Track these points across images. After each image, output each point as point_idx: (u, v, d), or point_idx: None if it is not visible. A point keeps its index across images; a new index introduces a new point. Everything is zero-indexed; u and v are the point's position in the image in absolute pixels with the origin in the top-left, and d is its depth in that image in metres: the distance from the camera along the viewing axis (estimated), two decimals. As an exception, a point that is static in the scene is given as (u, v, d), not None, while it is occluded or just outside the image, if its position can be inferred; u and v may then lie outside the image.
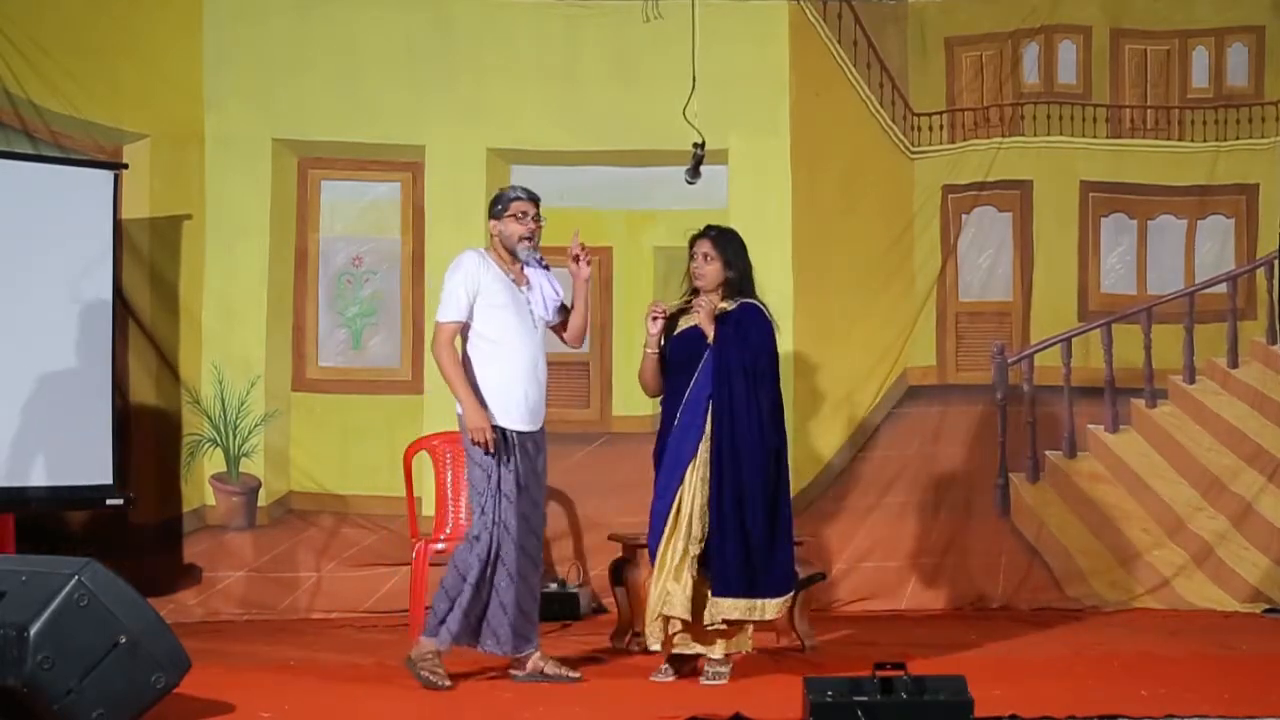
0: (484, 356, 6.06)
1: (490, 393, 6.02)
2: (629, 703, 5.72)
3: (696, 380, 6.10)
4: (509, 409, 6.02)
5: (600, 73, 8.49)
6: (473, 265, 6.08)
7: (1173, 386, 8.58)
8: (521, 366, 6.04)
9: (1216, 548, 8.38)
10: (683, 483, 6.07)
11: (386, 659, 6.70)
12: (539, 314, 6.14)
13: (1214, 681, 5.98)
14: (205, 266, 8.19)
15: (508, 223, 6.14)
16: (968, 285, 8.65)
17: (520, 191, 6.19)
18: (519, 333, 6.06)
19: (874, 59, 8.63)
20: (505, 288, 6.08)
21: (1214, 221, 8.63)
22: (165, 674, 4.88)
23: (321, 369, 8.35)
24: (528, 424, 6.06)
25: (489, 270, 6.08)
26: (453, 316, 6.05)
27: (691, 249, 6.24)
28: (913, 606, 8.29)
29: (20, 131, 7.89)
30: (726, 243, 6.21)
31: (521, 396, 6.03)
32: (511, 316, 6.05)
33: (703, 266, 6.19)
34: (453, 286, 6.07)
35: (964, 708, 4.71)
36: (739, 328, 6.10)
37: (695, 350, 6.12)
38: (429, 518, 7.78)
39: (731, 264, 6.18)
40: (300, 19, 8.35)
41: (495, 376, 6.04)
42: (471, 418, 5.97)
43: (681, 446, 6.09)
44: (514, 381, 6.03)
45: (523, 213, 6.12)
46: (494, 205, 6.20)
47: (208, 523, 8.14)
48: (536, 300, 6.15)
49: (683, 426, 6.10)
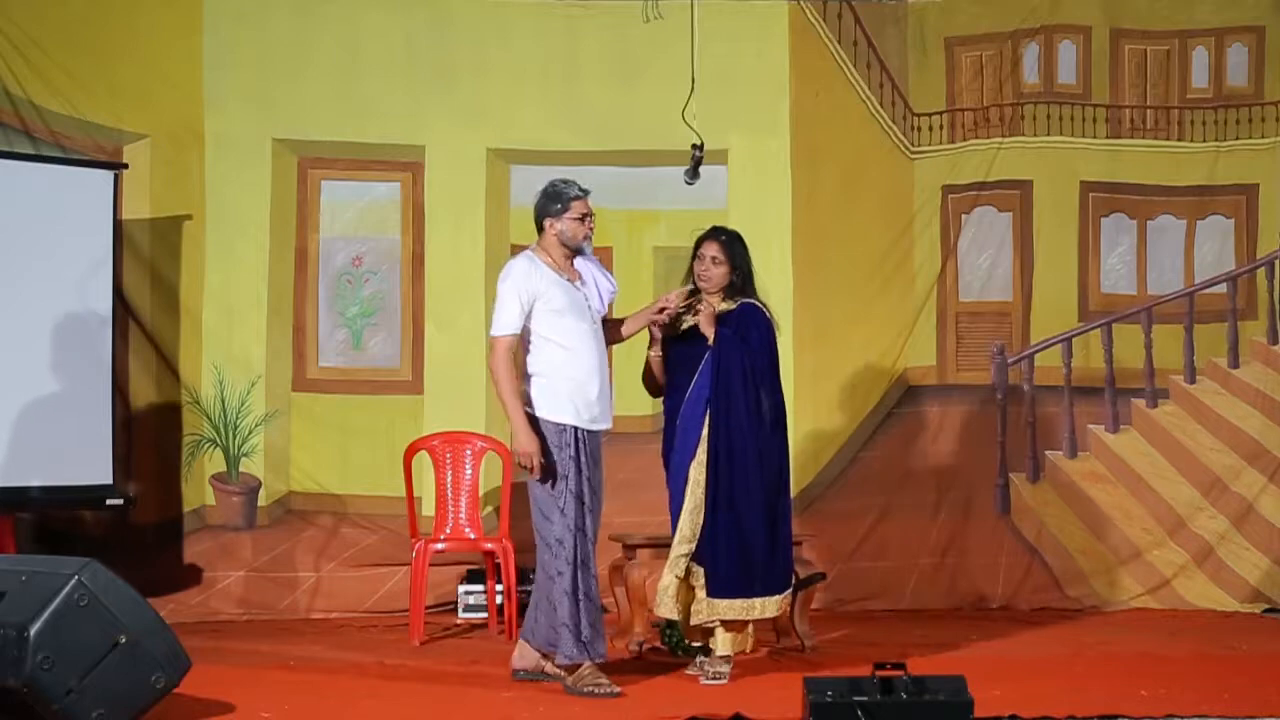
0: (553, 361, 5.95)
1: (565, 396, 5.92)
2: (629, 702, 5.72)
3: (696, 381, 6.11)
4: (581, 410, 5.93)
5: (600, 73, 8.49)
6: (523, 273, 5.95)
7: (1174, 386, 8.59)
8: (589, 366, 5.96)
9: (1217, 548, 8.39)
10: (688, 482, 6.09)
11: (386, 659, 6.71)
12: (595, 308, 6.06)
13: (1214, 681, 5.98)
14: (205, 266, 8.19)
15: (568, 223, 6.00)
16: (968, 285, 8.66)
17: (577, 189, 6.02)
18: (582, 333, 5.96)
19: (874, 59, 8.63)
20: (562, 290, 5.97)
21: (1214, 221, 8.63)
22: (165, 674, 4.88)
23: (321, 369, 8.36)
24: (601, 423, 6.01)
25: (542, 275, 5.96)
26: (508, 329, 5.92)
27: (698, 249, 6.23)
28: (913, 606, 8.29)
29: (20, 131, 7.88)
30: (734, 246, 6.21)
31: (595, 396, 5.96)
32: (572, 318, 5.96)
33: (710, 269, 6.18)
34: (506, 298, 5.93)
35: (964, 708, 4.70)
36: (739, 328, 6.11)
37: (696, 351, 6.13)
38: (429, 518, 7.78)
39: (737, 267, 6.19)
40: (300, 19, 8.36)
41: (568, 379, 5.94)
42: (520, 440, 5.87)
43: (684, 447, 6.10)
44: (586, 382, 5.95)
45: (583, 214, 6.00)
46: (551, 203, 6.01)
47: (208, 523, 8.14)
48: (592, 294, 6.07)
49: (683, 428, 6.12)
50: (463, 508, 7.71)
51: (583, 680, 5.84)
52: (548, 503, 5.90)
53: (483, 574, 7.76)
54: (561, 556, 5.84)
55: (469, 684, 6.11)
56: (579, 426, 5.92)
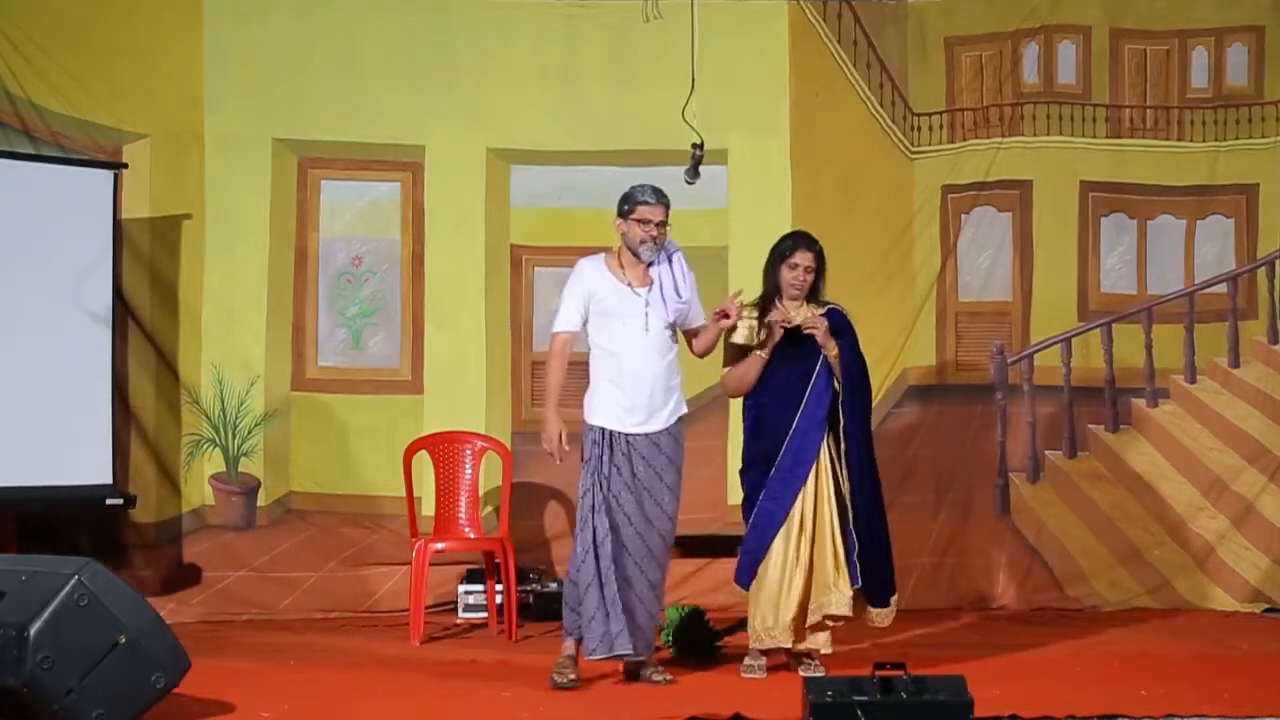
0: (597, 363, 6.16)
1: (602, 396, 6.11)
2: (629, 703, 5.72)
3: (814, 386, 6.22)
4: (607, 411, 6.08)
5: (600, 73, 8.49)
6: (585, 272, 6.16)
7: (1174, 386, 8.58)
8: (628, 370, 6.06)
9: (1217, 548, 8.38)
10: (804, 485, 6.18)
11: (387, 659, 6.71)
12: (657, 314, 6.13)
13: (1214, 681, 5.98)
14: (205, 266, 8.19)
15: (631, 225, 6.13)
16: (967, 285, 8.66)
17: (649, 195, 6.14)
18: (625, 337, 6.08)
19: (874, 59, 8.63)
20: (615, 292, 6.10)
21: (1214, 221, 8.63)
22: (165, 674, 4.88)
23: (321, 369, 8.35)
24: (631, 426, 6.08)
25: (601, 276, 6.13)
26: (563, 326, 6.16)
27: (787, 257, 6.31)
28: (912, 606, 8.27)
29: (20, 131, 7.88)
30: (822, 255, 6.35)
31: (623, 399, 6.06)
32: (616, 322, 6.09)
33: (804, 279, 6.30)
34: (566, 295, 6.18)
35: (964, 708, 4.71)
36: (842, 336, 6.27)
37: (795, 352, 6.20)
38: (429, 518, 7.78)
39: (822, 274, 6.36)
40: (300, 19, 8.35)
41: (605, 381, 6.11)
42: (546, 426, 6.14)
43: (803, 451, 6.19)
44: (617, 385, 6.07)
45: (645, 219, 6.10)
46: (621, 204, 6.18)
47: (208, 523, 8.14)
48: (655, 301, 6.14)
49: (802, 431, 6.20)
50: (463, 508, 7.72)
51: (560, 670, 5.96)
52: (581, 496, 6.11)
53: (483, 574, 7.75)
54: (579, 544, 6.00)
55: (469, 684, 6.11)
56: (608, 428, 6.04)
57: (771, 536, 6.18)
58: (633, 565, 6.01)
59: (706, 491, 8.23)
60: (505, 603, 7.38)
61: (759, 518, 6.23)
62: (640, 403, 6.08)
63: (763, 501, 6.22)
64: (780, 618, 6.15)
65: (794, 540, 6.18)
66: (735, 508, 8.26)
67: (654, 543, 6.09)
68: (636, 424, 6.08)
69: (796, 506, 6.19)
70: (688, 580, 8.03)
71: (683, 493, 6.24)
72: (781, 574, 6.17)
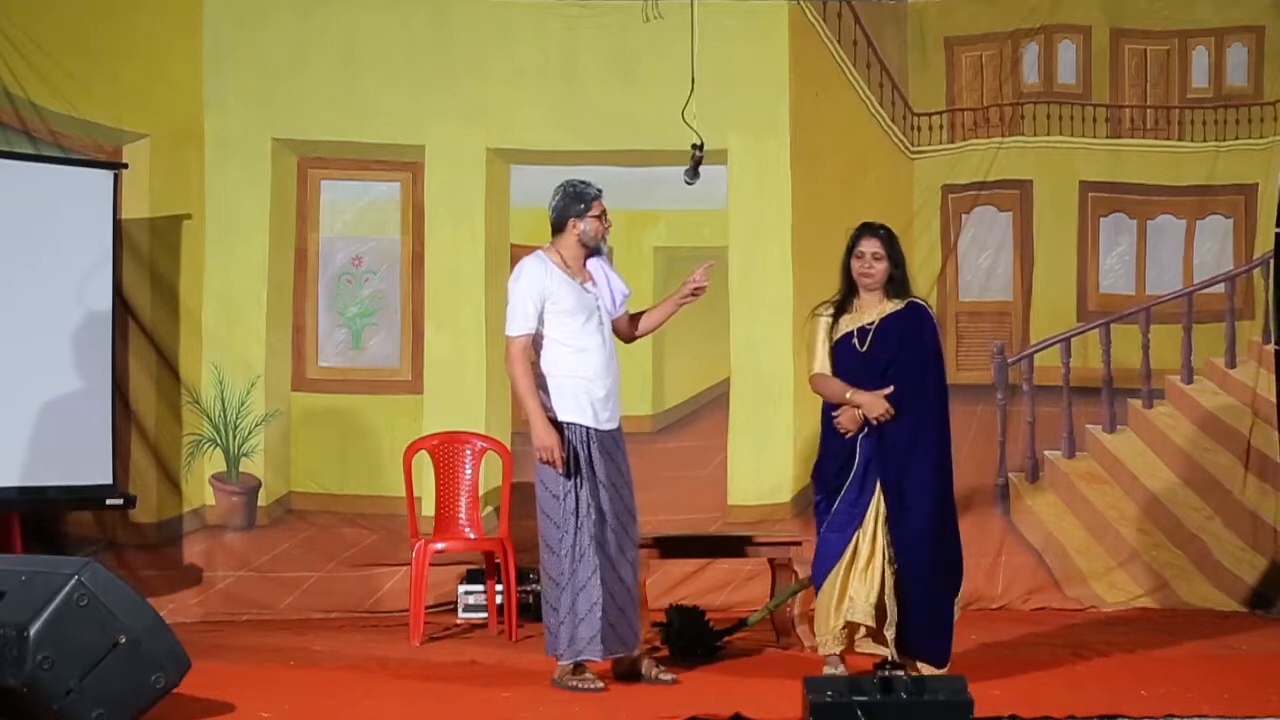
0: (562, 361, 6.03)
1: (573, 395, 6.01)
2: (629, 703, 5.72)
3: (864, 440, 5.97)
4: (588, 409, 6.02)
5: (600, 73, 8.49)
6: (535, 273, 6.04)
7: (1170, 386, 8.58)
8: (598, 366, 6.03)
9: (1214, 548, 8.38)
10: (874, 495, 5.94)
11: (387, 659, 6.71)
12: (606, 308, 6.14)
13: (1214, 681, 5.98)
14: (205, 266, 8.19)
15: (590, 222, 6.09)
16: (968, 285, 8.66)
17: (594, 189, 6.12)
18: (591, 333, 6.04)
19: (874, 59, 8.63)
20: (570, 290, 6.04)
21: (1213, 221, 8.63)
22: (165, 674, 4.88)
23: (321, 369, 8.35)
24: (609, 422, 6.07)
25: (552, 275, 6.04)
26: (521, 329, 6.00)
27: (856, 247, 6.09)
28: (912, 606, 8.28)
29: (20, 131, 7.88)
30: (892, 240, 6.12)
31: (602, 395, 6.04)
32: (580, 319, 6.03)
33: (872, 266, 6.05)
34: (518, 297, 6.02)
35: (964, 708, 4.70)
36: (913, 330, 6.01)
37: (859, 358, 6.02)
38: (429, 518, 7.78)
39: (897, 262, 6.09)
40: (300, 19, 8.35)
41: (576, 379, 6.02)
42: (540, 436, 5.94)
43: (869, 480, 5.94)
44: (594, 381, 6.03)
45: (601, 214, 6.10)
46: (574, 203, 6.08)
47: (208, 523, 8.14)
48: (604, 295, 6.14)
49: (873, 439, 5.97)
50: (462, 508, 7.72)
51: (565, 679, 5.93)
52: (551, 503, 5.96)
53: (483, 574, 7.76)
54: (561, 551, 5.91)
55: (469, 684, 6.12)
56: (588, 426, 5.99)
57: (832, 564, 5.94)
58: (624, 562, 6.01)
59: (706, 491, 8.24)
60: (505, 603, 7.38)
61: (822, 545, 5.99)
62: (613, 398, 6.08)
63: (825, 532, 5.99)
64: (831, 624, 5.96)
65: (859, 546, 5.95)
66: (735, 508, 8.35)
67: (634, 535, 6.11)
68: (608, 419, 6.07)
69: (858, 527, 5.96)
70: (688, 580, 8.03)
71: (682, 493, 6.25)
72: (834, 579, 5.94)
